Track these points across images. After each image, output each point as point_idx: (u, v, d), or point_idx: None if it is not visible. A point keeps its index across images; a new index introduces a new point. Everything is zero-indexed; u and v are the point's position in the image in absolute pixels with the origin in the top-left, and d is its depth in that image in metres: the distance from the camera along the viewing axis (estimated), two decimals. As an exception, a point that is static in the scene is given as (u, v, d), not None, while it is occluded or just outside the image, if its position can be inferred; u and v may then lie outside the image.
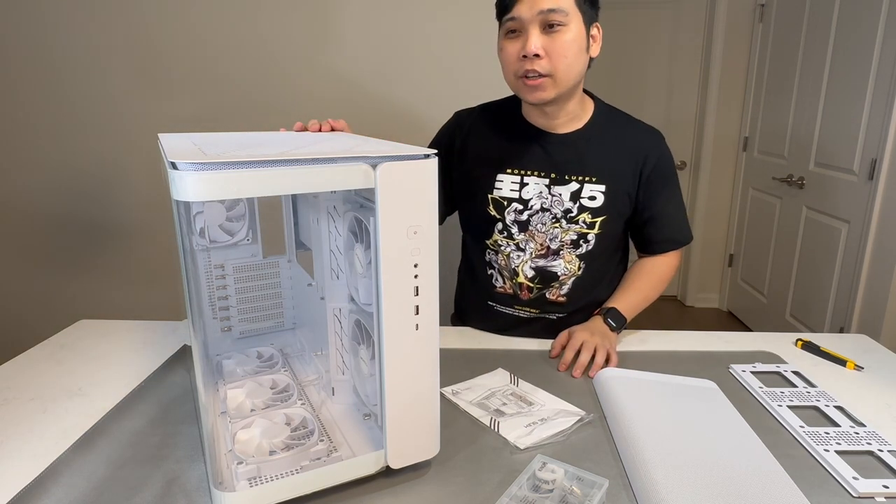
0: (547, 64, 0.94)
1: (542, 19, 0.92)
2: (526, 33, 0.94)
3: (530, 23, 0.93)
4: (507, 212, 1.08)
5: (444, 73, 1.87)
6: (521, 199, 1.07)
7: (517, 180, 1.08)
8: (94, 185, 2.01)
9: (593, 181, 1.05)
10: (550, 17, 0.92)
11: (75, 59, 1.89)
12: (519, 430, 0.79)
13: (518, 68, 0.96)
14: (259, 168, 0.53)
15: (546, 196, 1.06)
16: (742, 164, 3.14)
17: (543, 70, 0.95)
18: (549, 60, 0.94)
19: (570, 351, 0.97)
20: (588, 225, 1.06)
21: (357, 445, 0.71)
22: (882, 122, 2.00)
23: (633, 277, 1.14)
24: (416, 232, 0.60)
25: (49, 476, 0.69)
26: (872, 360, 1.01)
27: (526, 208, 1.07)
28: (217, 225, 0.93)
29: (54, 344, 1.08)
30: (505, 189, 1.08)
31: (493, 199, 1.09)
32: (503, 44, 0.98)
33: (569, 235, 1.06)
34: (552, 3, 0.92)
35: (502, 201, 1.08)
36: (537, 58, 0.94)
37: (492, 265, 1.14)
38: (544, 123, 1.07)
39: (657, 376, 0.91)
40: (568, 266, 1.08)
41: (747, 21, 2.99)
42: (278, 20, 1.85)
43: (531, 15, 0.92)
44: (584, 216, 1.06)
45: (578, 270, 1.09)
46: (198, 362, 0.63)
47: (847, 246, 2.22)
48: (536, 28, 0.93)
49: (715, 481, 0.66)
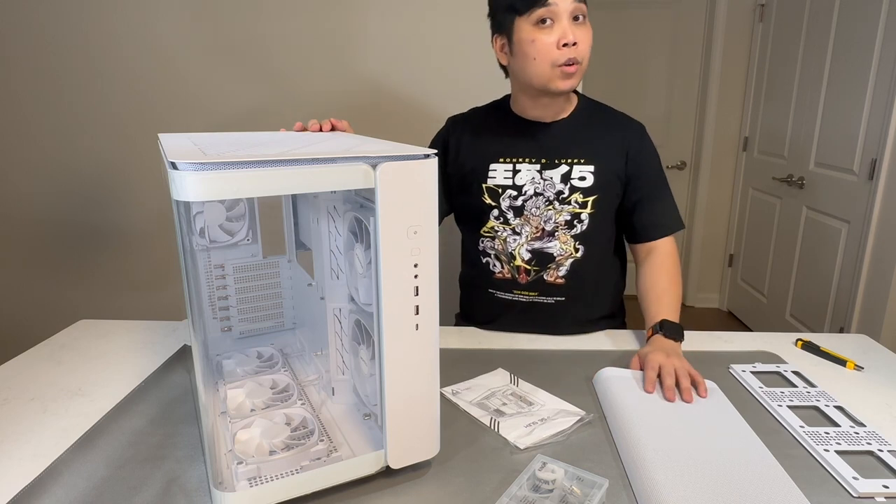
0: (582, 50, 1.00)
1: (574, 8, 0.98)
2: (560, 23, 0.98)
3: (564, 13, 0.97)
4: (503, 198, 1.12)
5: (444, 73, 1.87)
6: (515, 185, 1.11)
7: (510, 168, 1.12)
8: (94, 186, 2.01)
9: (582, 162, 1.09)
10: (580, 8, 0.98)
11: (75, 61, 1.89)
12: (519, 430, 0.79)
13: (558, 57, 0.99)
14: (259, 168, 0.53)
15: (538, 181, 1.10)
16: (742, 164, 3.14)
17: (580, 57, 0.99)
18: (582, 47, 0.99)
19: (651, 371, 0.90)
20: (580, 205, 1.09)
21: (357, 445, 0.71)
22: (882, 122, 1.99)
23: (649, 287, 1.10)
24: (416, 232, 0.60)
25: (49, 476, 0.69)
26: (872, 360, 1.02)
27: (520, 194, 1.11)
28: (217, 225, 0.93)
29: (54, 344, 1.08)
30: (499, 177, 1.12)
31: (488, 187, 1.13)
32: (535, 35, 0.99)
33: (562, 216, 1.10)
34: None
35: (497, 189, 1.12)
36: (575, 45, 0.98)
37: (486, 253, 1.17)
38: (536, 115, 1.11)
39: None
40: (563, 247, 1.11)
41: (747, 21, 2.99)
42: (278, 21, 1.85)
43: (566, 5, 0.97)
44: (576, 196, 1.09)
45: (575, 252, 1.11)
46: (198, 362, 0.62)
47: (847, 246, 2.22)
48: (569, 18, 0.98)
49: (715, 482, 0.66)
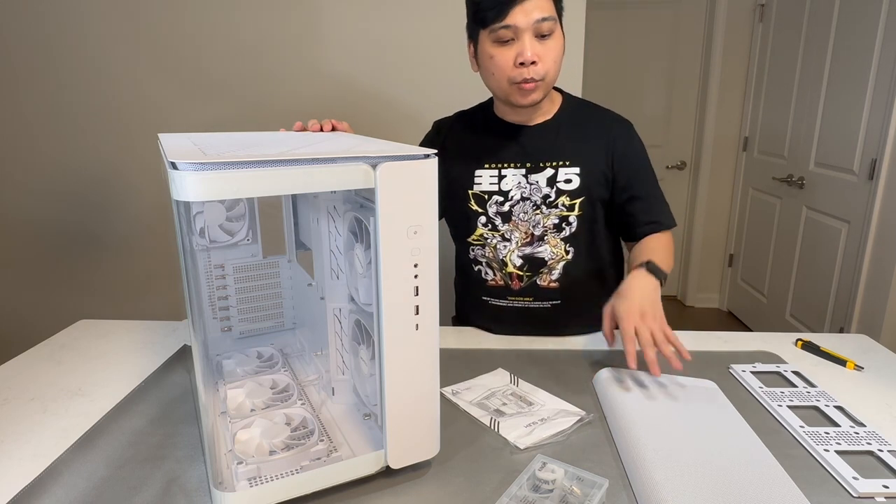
0: (541, 69, 0.98)
1: (535, 28, 0.96)
2: (520, 41, 0.96)
3: (525, 31, 0.96)
4: (489, 204, 1.11)
5: (444, 73, 1.87)
6: (501, 190, 1.11)
7: (495, 174, 1.11)
8: (94, 186, 2.01)
9: (567, 164, 1.09)
10: (543, 27, 0.96)
11: (75, 62, 1.89)
12: (519, 430, 0.79)
13: (515, 75, 0.99)
14: (259, 168, 0.53)
15: (524, 185, 1.10)
16: (742, 164, 3.14)
17: (538, 75, 0.98)
18: (542, 65, 0.98)
19: (630, 345, 0.90)
20: (568, 207, 1.09)
21: (357, 445, 0.71)
22: (882, 122, 1.99)
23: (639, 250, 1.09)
24: (416, 232, 0.60)
25: (49, 476, 0.69)
26: (872, 360, 1.01)
27: (507, 199, 1.10)
28: (217, 225, 0.93)
29: (54, 344, 1.08)
30: (484, 183, 1.11)
31: (474, 193, 1.12)
32: (494, 51, 0.99)
33: (550, 220, 1.09)
34: (544, 13, 0.96)
35: (483, 195, 1.12)
36: (533, 65, 0.97)
37: (477, 261, 1.16)
38: (517, 119, 1.11)
39: None
40: (554, 251, 1.11)
41: (747, 21, 2.99)
42: (277, 21, 1.85)
43: (527, 23, 0.95)
44: (563, 199, 1.09)
45: (566, 255, 1.11)
46: (198, 362, 0.63)
47: (847, 246, 2.22)
48: (530, 35, 0.96)
49: (715, 481, 0.66)
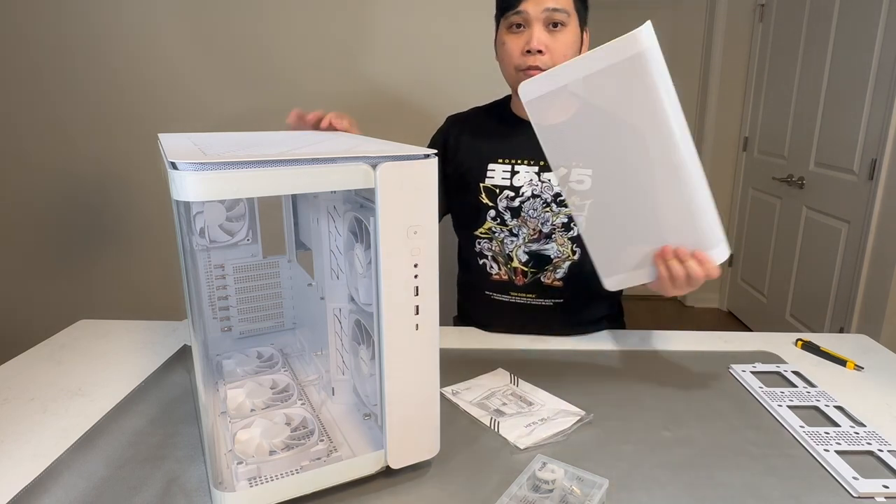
0: (548, 60, 0.98)
1: (546, 17, 0.96)
2: (530, 29, 0.97)
3: (535, 19, 0.97)
4: (500, 199, 1.12)
5: (445, 73, 1.87)
6: (513, 186, 1.11)
7: (508, 169, 1.11)
8: (94, 186, 2.01)
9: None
10: (555, 16, 0.96)
11: (75, 60, 1.89)
12: (519, 430, 0.79)
13: (521, 62, 0.99)
14: (259, 168, 0.53)
15: (536, 183, 1.10)
16: (742, 164, 3.14)
17: (544, 66, 0.98)
18: (550, 57, 0.98)
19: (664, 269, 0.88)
20: None
21: (357, 445, 0.71)
22: (882, 122, 2.00)
23: None
24: (416, 232, 0.60)
25: (49, 476, 0.69)
26: (872, 360, 1.01)
27: (517, 195, 1.11)
28: (217, 225, 0.93)
29: (54, 344, 1.08)
30: (497, 177, 1.12)
31: (485, 187, 1.12)
32: (505, 38, 1.01)
33: (559, 218, 1.09)
34: (557, 3, 0.96)
35: (494, 189, 1.12)
36: (540, 54, 0.97)
37: (483, 254, 1.16)
38: None
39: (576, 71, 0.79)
40: (561, 249, 1.11)
41: (747, 21, 2.99)
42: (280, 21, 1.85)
43: (537, 12, 0.96)
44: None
45: (573, 255, 1.11)
46: (198, 362, 0.63)
47: (847, 246, 2.22)
48: (540, 25, 0.97)
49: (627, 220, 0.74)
